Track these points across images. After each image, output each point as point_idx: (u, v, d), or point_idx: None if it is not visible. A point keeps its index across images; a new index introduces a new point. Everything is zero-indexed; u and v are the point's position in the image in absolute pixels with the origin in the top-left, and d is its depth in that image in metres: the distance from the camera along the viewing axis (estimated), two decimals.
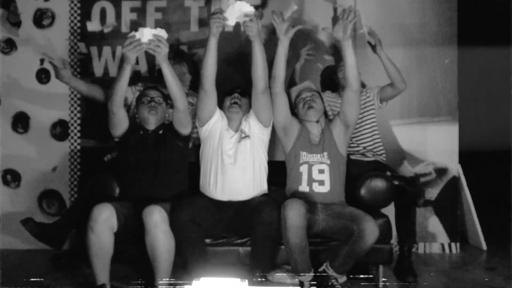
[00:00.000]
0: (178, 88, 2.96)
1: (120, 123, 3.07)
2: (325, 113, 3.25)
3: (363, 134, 3.65)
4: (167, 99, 3.16)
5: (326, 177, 3.05)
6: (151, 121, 3.11)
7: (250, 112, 3.15)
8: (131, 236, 2.89)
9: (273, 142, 3.36)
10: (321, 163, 3.07)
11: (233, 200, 3.02)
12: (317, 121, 3.14)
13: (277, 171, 3.19)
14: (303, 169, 3.07)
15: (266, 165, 3.14)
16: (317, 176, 3.05)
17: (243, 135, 3.09)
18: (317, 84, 3.91)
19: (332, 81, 3.76)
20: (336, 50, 4.02)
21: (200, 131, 3.15)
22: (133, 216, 2.86)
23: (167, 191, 3.03)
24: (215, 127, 3.10)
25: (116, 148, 3.22)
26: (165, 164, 3.06)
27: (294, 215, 2.75)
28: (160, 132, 3.12)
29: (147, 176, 3.04)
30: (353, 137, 3.58)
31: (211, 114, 3.09)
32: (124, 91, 2.99)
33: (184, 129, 3.11)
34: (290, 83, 3.71)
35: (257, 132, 3.11)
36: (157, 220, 2.74)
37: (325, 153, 3.08)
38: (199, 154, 3.19)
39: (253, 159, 3.07)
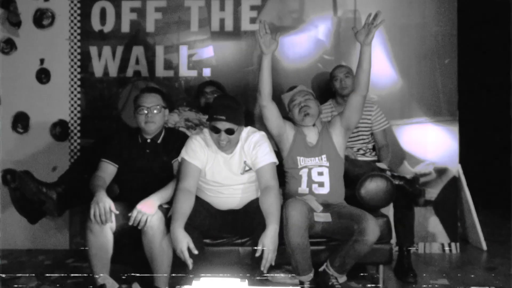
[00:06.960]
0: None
1: None
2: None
3: (361, 135, 3.66)
4: (166, 98, 3.09)
5: (325, 179, 3.04)
6: (149, 132, 3.02)
7: (256, 144, 2.90)
8: (130, 237, 2.87)
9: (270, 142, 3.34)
10: (320, 166, 3.05)
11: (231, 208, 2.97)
12: (313, 124, 3.11)
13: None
14: (303, 172, 3.04)
15: None
16: (317, 178, 3.03)
17: (246, 168, 2.93)
18: (309, 86, 3.90)
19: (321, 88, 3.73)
20: (336, 51, 4.02)
21: None
22: None
23: None
24: (203, 163, 2.91)
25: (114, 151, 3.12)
26: (162, 173, 3.00)
27: (296, 214, 2.74)
28: (159, 141, 3.04)
29: (143, 184, 2.95)
30: (353, 138, 3.59)
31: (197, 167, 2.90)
32: None
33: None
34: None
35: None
36: (153, 221, 2.74)
37: (323, 156, 3.05)
38: None
39: (253, 185, 2.96)
